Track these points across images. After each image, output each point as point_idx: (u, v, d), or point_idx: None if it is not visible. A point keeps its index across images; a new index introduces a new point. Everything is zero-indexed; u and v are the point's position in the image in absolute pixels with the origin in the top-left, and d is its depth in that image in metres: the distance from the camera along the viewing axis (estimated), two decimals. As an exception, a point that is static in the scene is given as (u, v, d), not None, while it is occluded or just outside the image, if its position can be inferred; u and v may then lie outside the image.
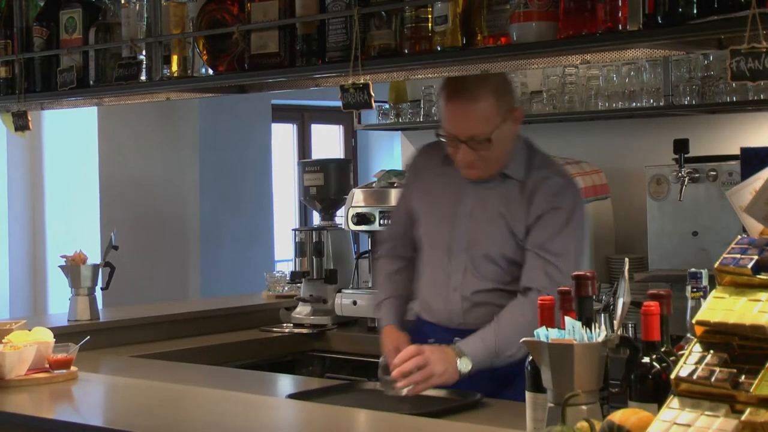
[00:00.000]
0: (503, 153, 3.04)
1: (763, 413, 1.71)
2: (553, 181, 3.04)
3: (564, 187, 3.05)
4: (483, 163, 3.03)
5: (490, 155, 3.01)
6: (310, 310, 4.46)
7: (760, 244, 1.92)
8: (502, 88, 3.03)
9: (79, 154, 6.73)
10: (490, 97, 2.99)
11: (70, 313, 4.07)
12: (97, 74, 3.69)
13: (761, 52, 2.20)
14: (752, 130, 4.21)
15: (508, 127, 3.02)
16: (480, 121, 2.98)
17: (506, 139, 3.03)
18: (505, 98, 3.02)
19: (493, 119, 2.97)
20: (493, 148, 2.99)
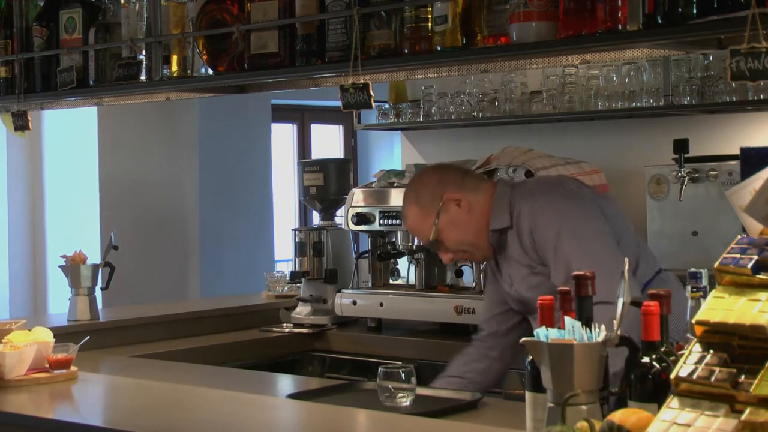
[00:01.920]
0: (468, 234, 3.10)
1: (763, 413, 1.71)
2: (528, 207, 3.02)
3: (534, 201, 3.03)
4: (465, 252, 3.15)
5: (457, 244, 3.11)
6: (310, 310, 4.46)
7: (759, 244, 1.92)
8: (421, 191, 3.14)
9: (79, 154, 6.72)
10: (413, 209, 3.13)
11: (69, 313, 4.06)
12: (97, 74, 3.69)
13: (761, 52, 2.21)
14: (752, 129, 4.22)
15: (450, 214, 3.08)
16: (417, 231, 3.17)
17: (459, 223, 3.09)
18: (425, 198, 3.10)
19: (426, 223, 3.10)
20: (450, 238, 3.09)
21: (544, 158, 4.16)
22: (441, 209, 3.08)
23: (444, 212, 3.08)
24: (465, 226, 3.09)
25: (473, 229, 3.10)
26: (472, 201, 3.10)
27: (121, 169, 6.72)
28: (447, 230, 3.09)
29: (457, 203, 3.09)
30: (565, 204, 3.02)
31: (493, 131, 4.86)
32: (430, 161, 4.65)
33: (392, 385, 2.80)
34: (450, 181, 3.13)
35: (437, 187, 3.12)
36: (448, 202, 3.08)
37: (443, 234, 3.09)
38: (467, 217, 3.09)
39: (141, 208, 6.76)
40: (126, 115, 6.51)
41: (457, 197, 3.09)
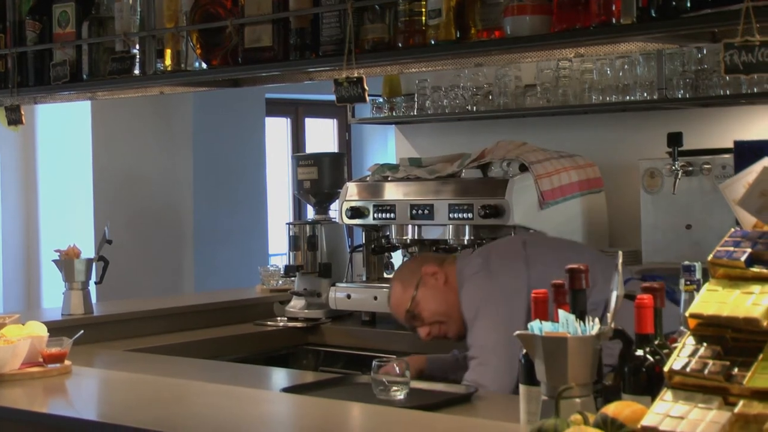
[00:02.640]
0: (443, 306, 3.26)
1: (756, 405, 1.71)
2: (461, 301, 3.20)
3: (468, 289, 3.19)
4: (442, 326, 3.29)
5: (433, 317, 3.28)
6: (304, 303, 4.46)
7: (753, 237, 1.92)
8: (402, 273, 3.42)
9: (72, 148, 6.72)
10: (395, 286, 3.37)
11: (63, 307, 4.06)
12: (91, 68, 3.69)
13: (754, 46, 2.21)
14: (746, 123, 4.22)
15: (427, 288, 3.29)
16: (397, 308, 3.36)
17: (435, 297, 3.28)
18: (407, 275, 3.35)
19: (405, 298, 3.31)
20: (427, 312, 3.28)
21: (538, 152, 4.17)
22: (420, 283, 3.28)
23: (422, 285, 3.30)
24: (441, 296, 3.27)
25: (449, 299, 3.25)
26: (449, 273, 3.28)
27: (115, 164, 6.71)
28: (424, 301, 3.28)
29: (434, 276, 3.28)
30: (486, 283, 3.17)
31: (487, 125, 4.86)
32: (425, 155, 4.65)
33: (386, 378, 2.81)
34: (428, 259, 3.40)
35: (417, 265, 3.38)
36: (426, 276, 3.31)
37: (420, 305, 3.28)
38: (443, 288, 3.28)
39: (135, 203, 6.75)
40: (120, 110, 6.51)
41: (434, 270, 3.30)
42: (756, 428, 1.69)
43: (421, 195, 4.16)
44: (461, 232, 4.05)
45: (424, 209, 4.09)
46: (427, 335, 3.33)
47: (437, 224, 4.10)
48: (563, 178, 4.13)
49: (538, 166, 4.04)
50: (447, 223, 4.06)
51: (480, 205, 3.94)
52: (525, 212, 3.93)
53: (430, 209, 4.09)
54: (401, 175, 4.31)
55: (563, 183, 4.12)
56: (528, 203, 3.97)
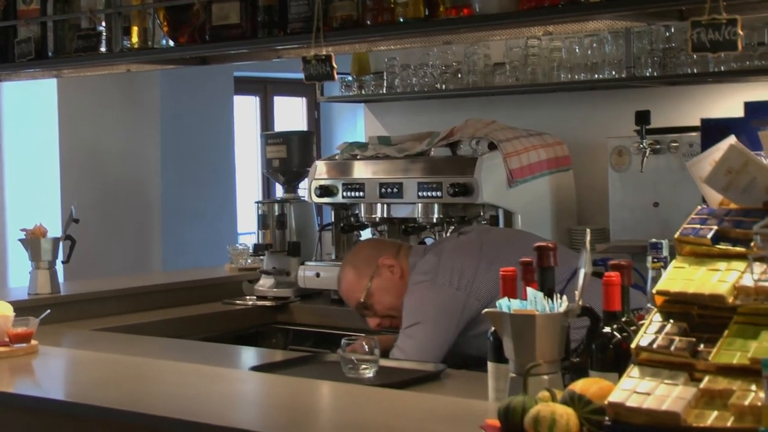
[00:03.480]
0: (396, 299, 3.21)
1: (721, 381, 1.73)
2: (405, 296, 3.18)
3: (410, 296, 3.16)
4: (393, 319, 3.25)
5: (385, 310, 3.25)
6: (273, 282, 4.45)
7: (719, 215, 1.93)
8: (358, 257, 3.34)
9: (38, 126, 6.65)
10: (348, 272, 3.31)
11: (30, 287, 4.03)
12: (56, 45, 3.65)
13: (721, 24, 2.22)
14: (713, 101, 4.24)
15: (382, 279, 3.24)
16: (349, 294, 3.31)
17: (390, 289, 3.24)
18: (362, 264, 3.29)
19: (359, 286, 3.27)
20: (379, 303, 3.25)
21: (507, 130, 4.17)
22: (375, 273, 3.24)
23: (377, 276, 3.25)
24: (395, 291, 3.23)
25: (402, 294, 3.21)
26: (404, 267, 3.25)
27: (82, 142, 6.66)
28: (378, 294, 3.25)
29: (390, 269, 3.25)
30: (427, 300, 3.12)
31: (456, 103, 4.86)
32: (393, 133, 4.65)
33: (355, 356, 2.81)
34: (386, 249, 3.33)
35: (373, 252, 3.31)
36: (382, 267, 3.25)
37: (374, 297, 3.25)
38: (399, 283, 3.24)
39: (102, 181, 6.70)
40: (86, 87, 6.45)
41: (390, 263, 3.25)
42: (721, 403, 1.70)
43: (390, 173, 4.16)
44: (430, 211, 4.05)
45: (393, 188, 4.09)
46: (376, 326, 3.33)
47: (406, 203, 4.10)
48: (532, 156, 4.14)
49: (507, 145, 4.05)
50: (416, 201, 4.07)
51: (449, 184, 3.94)
52: (494, 190, 3.94)
53: (399, 188, 4.09)
54: (370, 154, 4.30)
55: (532, 161, 4.13)
56: (497, 181, 3.97)
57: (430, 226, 4.14)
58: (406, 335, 3.09)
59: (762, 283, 1.77)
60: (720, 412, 1.69)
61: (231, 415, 2.44)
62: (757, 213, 1.88)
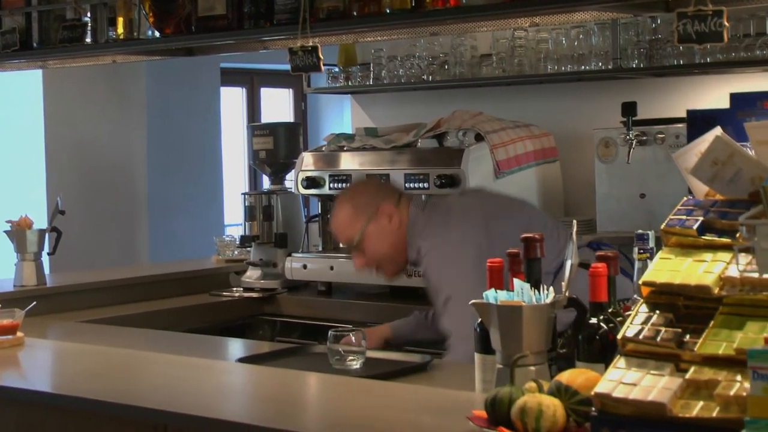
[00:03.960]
0: (388, 248, 3.21)
1: (707, 371, 1.74)
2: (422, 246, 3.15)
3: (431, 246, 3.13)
4: (379, 265, 3.26)
5: (374, 255, 3.23)
6: (260, 274, 4.45)
7: (705, 206, 1.94)
8: (359, 195, 3.30)
9: (24, 117, 6.62)
10: (346, 207, 3.26)
11: (15, 279, 4.02)
12: (41, 36, 3.64)
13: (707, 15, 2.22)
14: (699, 92, 4.25)
15: (379, 225, 3.21)
16: (343, 230, 3.26)
17: (383, 236, 3.21)
18: (362, 203, 3.24)
19: (354, 225, 3.22)
20: (370, 248, 3.22)
21: (494, 121, 4.17)
22: (372, 217, 3.21)
23: (374, 221, 3.22)
24: (389, 240, 3.22)
25: (396, 244, 3.22)
26: (403, 219, 3.23)
27: (68, 133, 6.63)
28: (371, 238, 3.22)
29: (389, 217, 3.22)
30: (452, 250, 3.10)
31: (443, 94, 4.85)
32: (380, 125, 4.64)
33: (342, 348, 2.81)
34: (388, 195, 3.29)
35: (375, 195, 3.28)
36: (382, 214, 3.22)
37: (367, 241, 3.22)
38: (395, 232, 3.22)
39: (88, 173, 6.68)
40: (72, 78, 6.42)
41: (390, 212, 3.22)
42: (707, 394, 1.71)
43: (377, 165, 4.15)
44: (417, 202, 4.05)
45: (380, 179, 4.09)
46: (360, 266, 3.30)
47: (393, 194, 4.10)
48: (518, 147, 4.14)
49: (494, 136, 4.05)
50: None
51: (436, 175, 3.94)
52: (480, 182, 3.94)
53: (386, 179, 4.09)
54: (357, 145, 4.30)
55: (518, 153, 4.13)
56: (483, 173, 3.97)
57: (417, 218, 4.14)
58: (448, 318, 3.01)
59: (747, 274, 1.78)
60: (706, 403, 1.70)
61: (218, 407, 2.44)
62: (743, 204, 1.89)
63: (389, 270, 3.29)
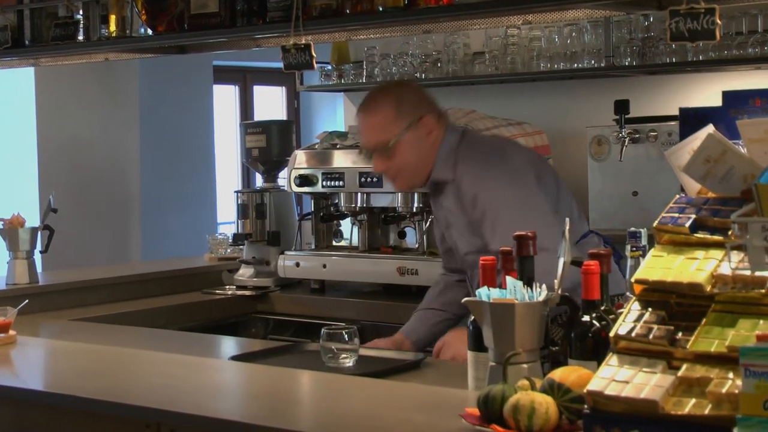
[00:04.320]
0: (416, 160, 3.05)
1: (699, 369, 1.74)
2: (469, 176, 3.01)
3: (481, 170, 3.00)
4: (400, 174, 3.08)
5: (400, 164, 3.05)
6: (253, 272, 4.45)
7: (697, 203, 1.94)
8: (405, 97, 3.06)
9: (15, 114, 6.61)
10: (388, 107, 3.03)
11: (8, 277, 4.01)
12: (33, 34, 3.63)
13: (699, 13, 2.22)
14: (691, 90, 4.26)
15: (417, 134, 3.03)
16: (378, 130, 3.03)
17: (416, 148, 3.04)
18: (407, 107, 3.03)
19: (393, 128, 3.01)
20: (400, 156, 3.03)
21: (487, 119, 4.17)
22: (413, 125, 3.02)
23: (414, 130, 3.02)
24: (421, 153, 3.04)
25: (425, 159, 3.05)
26: (438, 136, 3.06)
27: (60, 131, 6.62)
28: (404, 147, 3.02)
29: (428, 131, 3.05)
30: (509, 182, 3.00)
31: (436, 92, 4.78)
32: (373, 122, 4.63)
33: (335, 346, 2.81)
34: (432, 107, 3.10)
35: (420, 104, 3.07)
36: (423, 126, 3.03)
37: (399, 148, 3.02)
38: (428, 148, 3.05)
39: (81, 171, 6.67)
40: (65, 76, 6.41)
41: (431, 126, 3.05)
42: (699, 391, 1.71)
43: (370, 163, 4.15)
44: (410, 200, 4.05)
45: (373, 177, 4.08)
46: (379, 170, 3.12)
47: (386, 192, 4.10)
48: (511, 145, 4.14)
49: (487, 134, 4.05)
50: (395, 190, 4.06)
51: (429, 173, 3.93)
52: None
53: (379, 177, 4.08)
54: (350, 143, 4.30)
55: (511, 150, 4.12)
56: (476, 171, 3.97)
57: (410, 216, 4.14)
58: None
59: (739, 271, 1.78)
60: (698, 400, 1.70)
61: (211, 405, 2.44)
62: (735, 202, 1.89)
63: (406, 182, 3.13)
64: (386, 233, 4.35)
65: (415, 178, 3.10)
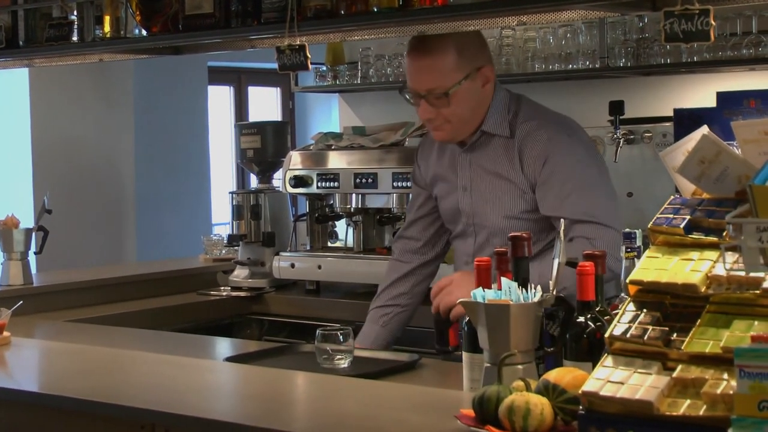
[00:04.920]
0: (469, 111, 2.95)
1: (694, 370, 1.74)
2: (540, 132, 2.93)
3: (556, 133, 2.94)
4: (447, 123, 2.96)
5: (452, 113, 2.93)
6: (248, 273, 4.44)
7: (692, 204, 1.95)
8: (467, 44, 2.95)
9: (10, 114, 6.60)
10: (449, 52, 2.92)
11: (2, 278, 4.00)
12: (27, 35, 3.62)
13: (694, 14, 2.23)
14: (685, 91, 4.26)
15: (474, 85, 2.94)
16: (437, 74, 2.92)
17: (471, 98, 2.94)
18: (468, 54, 2.93)
19: (453, 74, 2.90)
20: (455, 105, 2.92)
21: (482, 120, 4.16)
22: (473, 74, 2.93)
23: (472, 79, 2.93)
24: (474, 104, 2.95)
25: (477, 111, 2.96)
26: (491, 89, 2.99)
27: (55, 132, 6.61)
28: (461, 96, 2.92)
29: (485, 81, 2.97)
30: (585, 155, 2.98)
31: (431, 93, 4.85)
32: (369, 123, 4.64)
33: (330, 347, 2.81)
34: (490, 58, 3.02)
35: (481, 53, 2.99)
36: (482, 75, 2.95)
37: (456, 97, 2.91)
38: (482, 100, 2.97)
39: (75, 172, 6.66)
40: (59, 77, 6.40)
41: (489, 76, 2.97)
42: (694, 392, 1.71)
43: (365, 164, 4.15)
44: (405, 201, 4.05)
45: (368, 178, 4.09)
46: (425, 118, 2.97)
47: (381, 193, 4.10)
48: (506, 146, 4.13)
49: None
50: (391, 191, 4.07)
51: (423, 174, 3.93)
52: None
53: (374, 178, 4.09)
54: (345, 144, 4.30)
55: (506, 151, 4.12)
56: (471, 171, 3.97)
57: (405, 216, 4.14)
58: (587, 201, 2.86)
59: (734, 272, 1.79)
60: (693, 401, 1.70)
61: (206, 406, 2.44)
62: (730, 203, 1.89)
63: (451, 133, 2.99)
64: (381, 234, 4.35)
65: (463, 130, 2.99)
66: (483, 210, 3.03)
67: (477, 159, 3.04)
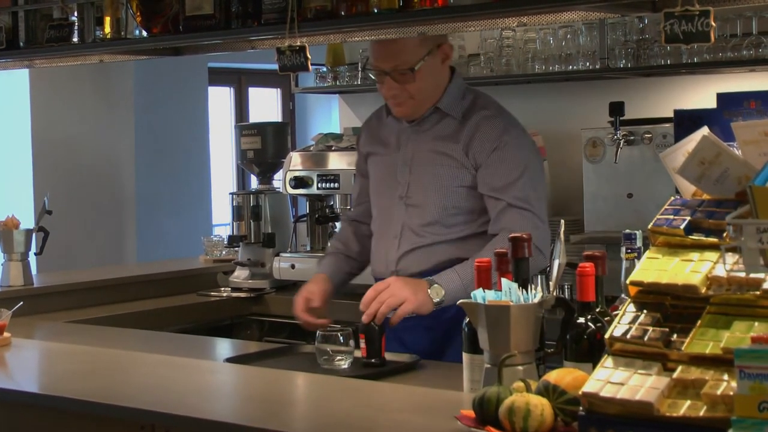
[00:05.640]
0: (431, 88, 3.05)
1: (694, 371, 1.74)
2: (497, 120, 3.05)
3: (511, 126, 3.07)
4: (411, 99, 3.05)
5: (417, 89, 3.03)
6: (248, 274, 4.45)
7: (692, 205, 1.95)
8: None
9: (10, 115, 6.61)
10: None
11: (2, 279, 4.01)
12: (28, 36, 3.62)
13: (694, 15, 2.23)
14: (686, 92, 4.26)
15: (435, 61, 3.04)
16: (401, 51, 3.01)
17: (433, 74, 3.05)
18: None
19: (417, 50, 3.00)
20: (419, 80, 3.01)
21: (482, 121, 4.17)
22: (434, 51, 3.03)
23: (434, 55, 3.03)
24: (435, 81, 3.06)
25: (438, 88, 3.06)
26: (447, 67, 3.11)
27: (55, 133, 6.61)
28: (425, 71, 3.02)
29: (444, 58, 3.08)
30: (533, 148, 3.12)
31: (431, 94, 4.85)
32: (368, 124, 4.63)
33: (330, 348, 2.81)
34: (446, 36, 3.13)
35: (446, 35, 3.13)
36: (441, 52, 3.06)
37: (420, 72, 3.01)
38: (441, 77, 3.08)
39: (76, 173, 6.66)
40: (60, 78, 6.41)
41: (448, 53, 3.09)
42: (694, 393, 1.71)
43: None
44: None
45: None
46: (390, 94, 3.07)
47: (381, 194, 4.10)
48: (506, 147, 4.13)
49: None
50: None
51: (424, 175, 3.93)
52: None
53: (374, 179, 4.08)
54: (345, 145, 4.30)
55: (506, 152, 4.12)
56: (471, 172, 3.97)
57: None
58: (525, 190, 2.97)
59: (734, 273, 1.79)
60: (693, 402, 1.70)
61: (206, 407, 2.44)
62: (730, 204, 1.89)
63: (413, 108, 3.08)
64: (381, 235, 4.34)
65: (424, 106, 3.08)
66: (420, 184, 3.08)
67: (423, 135, 3.11)
